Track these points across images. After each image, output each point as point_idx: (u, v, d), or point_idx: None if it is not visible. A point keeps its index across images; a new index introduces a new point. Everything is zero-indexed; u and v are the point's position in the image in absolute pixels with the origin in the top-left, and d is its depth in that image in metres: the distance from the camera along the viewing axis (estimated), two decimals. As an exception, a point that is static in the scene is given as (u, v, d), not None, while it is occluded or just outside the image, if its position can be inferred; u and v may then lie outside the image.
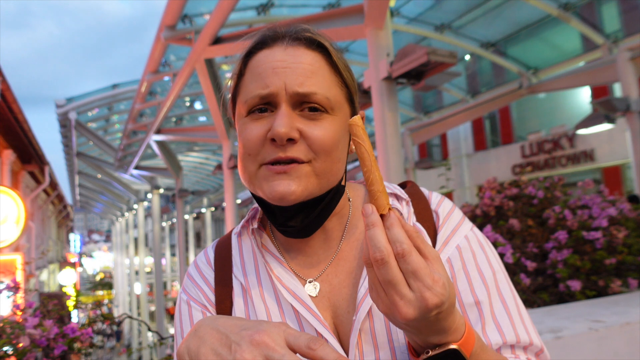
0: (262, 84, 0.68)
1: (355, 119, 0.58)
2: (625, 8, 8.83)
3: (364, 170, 0.57)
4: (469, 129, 14.84)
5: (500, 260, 0.78)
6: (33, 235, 11.24)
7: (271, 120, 0.68)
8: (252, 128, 0.69)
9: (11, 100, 7.06)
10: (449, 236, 0.76)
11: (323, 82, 0.70)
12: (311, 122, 0.68)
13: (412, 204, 0.79)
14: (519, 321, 0.70)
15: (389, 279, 0.52)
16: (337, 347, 0.69)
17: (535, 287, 2.68)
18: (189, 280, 0.82)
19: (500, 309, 0.70)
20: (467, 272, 0.73)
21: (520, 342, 0.68)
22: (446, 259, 0.74)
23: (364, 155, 0.57)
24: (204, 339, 0.55)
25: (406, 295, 0.52)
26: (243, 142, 0.70)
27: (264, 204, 0.73)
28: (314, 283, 0.75)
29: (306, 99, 0.68)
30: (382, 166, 4.70)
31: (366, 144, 0.57)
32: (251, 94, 0.69)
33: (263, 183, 0.69)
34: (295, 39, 0.71)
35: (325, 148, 0.68)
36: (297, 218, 0.71)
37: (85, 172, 19.49)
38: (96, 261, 47.39)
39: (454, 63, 4.49)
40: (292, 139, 0.66)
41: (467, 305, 0.71)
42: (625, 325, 1.84)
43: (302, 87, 0.67)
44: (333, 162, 0.70)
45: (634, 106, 6.21)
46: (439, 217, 0.78)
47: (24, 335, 1.92)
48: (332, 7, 7.92)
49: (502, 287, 0.73)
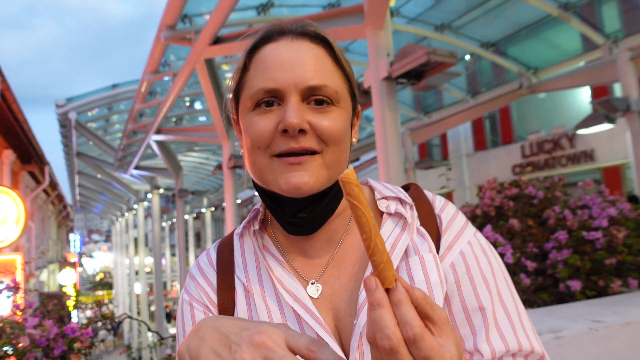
0: (269, 78, 0.69)
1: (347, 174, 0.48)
2: (625, 8, 8.83)
3: (363, 238, 0.48)
4: (469, 129, 14.84)
5: (504, 265, 0.78)
6: (33, 235, 11.24)
7: (280, 113, 0.68)
8: (260, 121, 0.69)
9: (11, 100, 7.06)
10: (452, 241, 0.76)
11: (330, 75, 0.71)
12: (320, 114, 0.69)
13: (415, 208, 0.78)
14: (521, 328, 0.70)
15: None
16: (338, 350, 0.69)
17: (536, 287, 2.68)
18: (191, 281, 0.81)
19: (502, 316, 0.70)
20: (471, 278, 0.73)
21: (522, 349, 0.68)
22: (450, 264, 0.74)
23: (362, 220, 0.48)
24: (204, 339, 0.55)
25: None
26: (251, 136, 0.70)
27: (272, 197, 0.73)
28: (316, 284, 0.75)
29: (316, 92, 0.69)
30: (382, 166, 4.69)
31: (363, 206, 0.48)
32: (257, 88, 0.69)
33: (277, 175, 0.69)
34: (301, 34, 0.72)
35: (334, 138, 0.69)
36: (307, 209, 0.72)
37: (85, 172, 19.49)
38: (96, 261, 47.41)
39: (454, 63, 4.49)
40: (303, 130, 0.67)
41: (471, 311, 0.71)
42: (625, 325, 1.84)
43: (312, 80, 0.68)
44: (341, 153, 0.71)
45: (634, 106, 6.21)
46: (442, 222, 0.77)
47: (23, 335, 1.92)
48: (332, 7, 7.92)
49: (504, 294, 0.72)
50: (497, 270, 0.75)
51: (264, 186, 0.73)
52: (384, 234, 0.75)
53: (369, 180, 0.84)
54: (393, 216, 0.77)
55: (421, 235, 0.75)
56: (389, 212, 0.77)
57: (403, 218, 0.77)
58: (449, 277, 0.73)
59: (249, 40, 0.75)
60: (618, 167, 11.05)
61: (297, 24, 0.73)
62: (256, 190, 0.78)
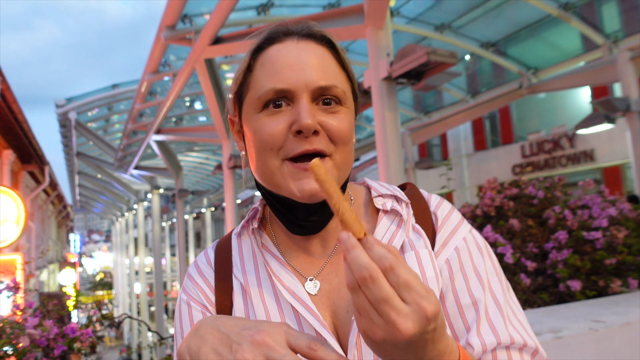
0: (279, 79, 0.68)
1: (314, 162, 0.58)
2: (625, 8, 8.83)
3: (331, 204, 0.55)
4: (469, 129, 14.84)
5: (498, 262, 0.78)
6: (33, 235, 11.24)
7: (291, 114, 0.68)
8: (270, 122, 0.69)
9: (11, 100, 7.06)
10: (447, 238, 0.76)
11: (337, 75, 0.71)
12: (329, 114, 0.69)
13: (411, 206, 0.79)
14: (517, 322, 0.70)
15: (381, 296, 0.48)
16: (336, 346, 0.69)
17: (536, 287, 2.68)
18: (189, 281, 0.82)
19: (494, 310, 0.70)
20: (464, 273, 0.73)
21: (514, 343, 0.67)
22: (444, 260, 0.74)
23: (330, 190, 0.55)
24: (204, 338, 0.55)
25: (402, 309, 0.48)
26: (262, 137, 0.69)
27: (281, 200, 0.73)
28: (314, 281, 0.75)
29: (326, 92, 0.69)
30: (382, 166, 4.69)
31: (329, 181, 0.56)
32: (267, 88, 0.69)
33: (289, 180, 0.68)
34: (306, 35, 0.72)
35: (343, 139, 0.69)
36: (318, 212, 0.72)
37: (85, 172, 19.48)
38: (96, 261, 47.35)
39: (454, 63, 4.48)
40: (316, 131, 0.67)
41: (464, 306, 0.71)
42: (625, 325, 1.84)
43: (322, 80, 0.68)
44: (349, 153, 0.72)
45: (634, 106, 6.20)
46: (438, 219, 0.78)
47: (24, 335, 1.92)
48: (332, 7, 7.91)
49: (496, 289, 0.72)
50: (490, 266, 0.75)
51: (273, 189, 0.72)
52: (380, 231, 0.76)
53: (365, 180, 0.85)
54: (389, 213, 0.78)
55: (417, 231, 0.76)
56: (384, 209, 0.78)
57: (399, 215, 0.77)
58: (444, 272, 0.73)
59: (251, 41, 0.75)
60: (618, 167, 11.05)
61: (302, 25, 0.73)
62: (261, 193, 0.77)
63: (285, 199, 0.71)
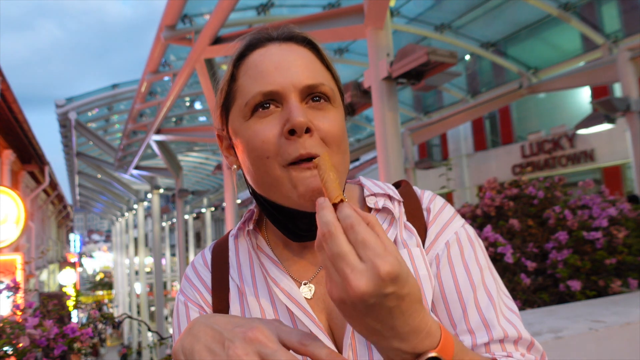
0: (265, 82, 0.68)
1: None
2: (625, 8, 8.83)
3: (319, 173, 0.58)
4: (469, 129, 14.84)
5: (489, 258, 0.77)
6: (33, 235, 11.25)
7: (281, 116, 0.68)
8: (262, 128, 0.68)
9: (11, 100, 7.07)
10: (439, 232, 0.76)
11: (323, 74, 0.71)
12: (319, 112, 0.69)
13: (404, 204, 0.79)
14: (511, 315, 0.70)
15: (337, 252, 0.48)
16: (332, 347, 0.69)
17: (536, 287, 2.68)
18: (187, 282, 0.82)
19: (486, 304, 0.69)
20: (452, 267, 0.72)
21: (508, 336, 0.67)
22: (435, 255, 0.74)
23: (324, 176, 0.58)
24: (198, 336, 0.55)
25: (356, 265, 0.47)
26: (255, 146, 0.68)
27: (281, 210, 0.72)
28: (309, 285, 0.75)
29: (314, 90, 0.69)
30: (382, 166, 4.69)
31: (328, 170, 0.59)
32: (254, 92, 0.68)
33: (296, 182, 0.67)
34: (287, 38, 0.73)
35: (336, 140, 0.69)
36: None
37: (85, 172, 19.48)
38: (96, 261, 47.36)
39: (454, 63, 4.48)
40: (308, 130, 0.66)
41: (450, 301, 0.70)
42: (625, 325, 1.84)
43: (309, 79, 0.68)
44: (343, 154, 0.71)
45: (634, 106, 6.21)
46: (430, 214, 0.78)
47: (23, 335, 1.92)
48: (332, 7, 7.91)
49: (488, 282, 0.72)
50: (482, 260, 0.74)
51: (276, 200, 0.71)
52: None
53: (360, 179, 0.85)
54: (381, 212, 0.78)
55: (409, 230, 0.76)
56: (376, 207, 0.77)
57: (391, 214, 0.77)
58: (434, 267, 0.73)
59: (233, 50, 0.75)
60: (618, 167, 11.05)
61: (283, 29, 0.74)
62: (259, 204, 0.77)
63: (288, 208, 0.70)
